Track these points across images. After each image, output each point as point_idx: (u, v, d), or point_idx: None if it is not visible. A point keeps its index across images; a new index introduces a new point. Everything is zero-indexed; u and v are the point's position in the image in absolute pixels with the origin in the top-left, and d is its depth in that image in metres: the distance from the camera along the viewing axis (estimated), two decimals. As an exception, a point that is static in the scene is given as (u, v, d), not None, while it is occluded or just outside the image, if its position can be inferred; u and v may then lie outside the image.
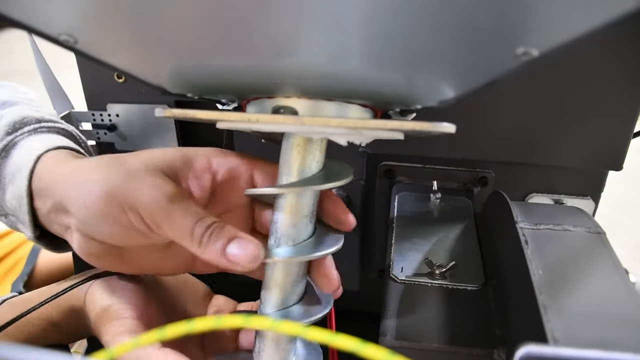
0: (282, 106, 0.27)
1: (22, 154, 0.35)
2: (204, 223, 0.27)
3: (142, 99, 0.48)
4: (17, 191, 0.34)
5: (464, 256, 0.36)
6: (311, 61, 0.22)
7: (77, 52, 0.22)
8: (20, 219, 0.35)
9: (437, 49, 0.21)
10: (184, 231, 0.27)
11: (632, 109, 0.40)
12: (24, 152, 0.35)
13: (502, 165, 0.45)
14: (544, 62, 0.22)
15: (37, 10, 0.19)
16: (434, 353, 0.29)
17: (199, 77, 0.27)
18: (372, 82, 0.25)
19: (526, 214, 0.33)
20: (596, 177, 0.45)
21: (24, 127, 0.37)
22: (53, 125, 0.39)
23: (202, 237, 0.27)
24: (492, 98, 0.42)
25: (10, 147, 0.36)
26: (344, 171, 0.31)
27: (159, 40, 0.22)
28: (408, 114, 0.32)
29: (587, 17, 0.17)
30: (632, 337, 0.23)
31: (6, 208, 0.36)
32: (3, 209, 0.36)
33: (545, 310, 0.24)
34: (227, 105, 0.35)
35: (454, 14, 0.17)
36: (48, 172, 0.33)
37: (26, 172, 0.33)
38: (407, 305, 0.32)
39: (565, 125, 0.42)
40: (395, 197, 0.44)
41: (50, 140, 0.36)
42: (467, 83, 0.24)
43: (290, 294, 0.31)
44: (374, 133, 0.26)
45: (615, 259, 0.29)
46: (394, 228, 0.40)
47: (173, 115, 0.27)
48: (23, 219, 0.34)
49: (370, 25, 0.19)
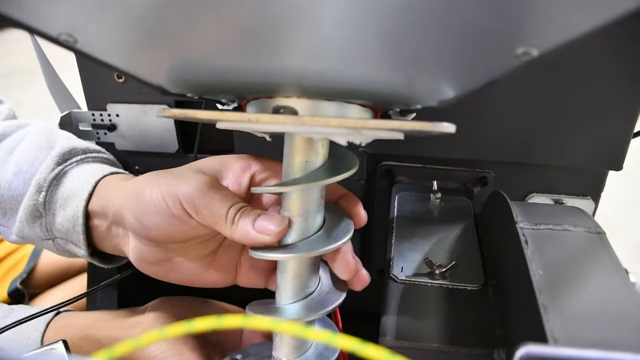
0: (282, 106, 0.27)
1: (76, 181, 0.39)
2: (237, 206, 0.31)
3: (142, 99, 0.48)
4: (71, 214, 0.38)
5: (464, 256, 0.36)
6: (311, 61, 0.22)
7: (77, 52, 0.22)
8: (72, 239, 0.39)
9: (437, 49, 0.21)
10: (218, 214, 0.30)
11: (632, 109, 0.40)
12: (77, 179, 0.40)
13: (502, 165, 0.45)
14: (544, 62, 0.22)
15: (37, 10, 0.19)
16: (434, 353, 0.29)
17: (199, 77, 0.27)
18: (372, 82, 0.25)
19: (526, 214, 0.33)
20: (596, 177, 0.45)
21: (73, 157, 0.42)
22: (97, 155, 0.44)
23: (234, 217, 0.30)
24: (492, 98, 0.42)
25: (62, 175, 0.40)
26: (349, 161, 0.31)
27: (159, 40, 0.22)
28: (408, 114, 0.32)
29: (587, 17, 0.17)
30: (632, 337, 0.23)
31: (55, 231, 0.40)
32: (51, 232, 0.40)
33: (545, 310, 0.24)
34: (227, 105, 0.35)
35: (454, 14, 0.17)
36: (107, 192, 0.38)
37: (84, 196, 0.38)
38: (407, 305, 0.32)
39: (565, 125, 0.42)
40: (395, 197, 0.44)
41: (101, 169, 0.41)
42: (467, 83, 0.24)
43: (304, 286, 0.32)
44: (374, 133, 0.26)
45: (615, 259, 0.29)
46: (394, 228, 0.40)
47: (173, 115, 0.27)
48: (77, 239, 0.39)
49: (370, 26, 0.19)
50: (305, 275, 0.32)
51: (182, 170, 0.34)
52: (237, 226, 0.30)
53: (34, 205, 0.39)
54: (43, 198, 0.39)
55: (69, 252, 0.41)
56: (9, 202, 0.41)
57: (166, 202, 0.32)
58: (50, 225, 0.40)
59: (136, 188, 0.34)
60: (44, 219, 0.40)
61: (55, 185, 0.40)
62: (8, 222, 0.42)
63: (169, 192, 0.32)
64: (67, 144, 0.42)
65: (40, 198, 0.39)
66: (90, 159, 0.43)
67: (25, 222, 0.40)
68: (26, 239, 0.42)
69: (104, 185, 0.39)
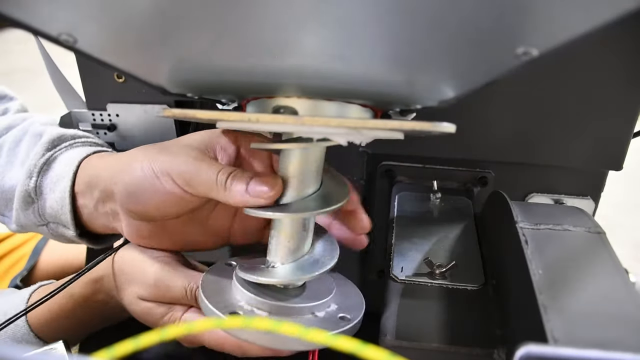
0: (282, 106, 0.27)
1: (63, 165, 0.40)
2: (226, 171, 0.31)
3: (142, 99, 0.48)
4: (59, 195, 0.38)
5: (464, 256, 0.36)
6: (311, 61, 0.22)
7: (77, 52, 0.22)
8: (62, 220, 0.39)
9: (437, 48, 0.21)
10: (209, 182, 0.31)
11: (632, 109, 0.40)
12: (64, 163, 0.40)
13: (502, 165, 0.45)
14: (544, 62, 0.22)
15: (37, 10, 0.19)
16: (434, 353, 0.29)
17: (199, 77, 0.27)
18: (372, 82, 0.25)
19: (526, 214, 0.33)
20: (596, 177, 0.45)
21: (62, 143, 0.42)
22: (86, 140, 0.44)
23: (226, 182, 0.30)
24: (492, 98, 0.42)
25: (51, 161, 0.41)
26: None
27: (159, 40, 0.22)
28: (408, 114, 0.32)
29: (587, 17, 0.17)
30: (632, 337, 0.23)
31: (47, 216, 0.40)
32: (44, 218, 0.40)
33: (545, 310, 0.24)
34: (227, 105, 0.35)
35: (454, 14, 0.17)
36: (92, 169, 0.38)
37: (70, 176, 0.38)
38: (407, 305, 0.32)
39: (565, 125, 0.42)
40: (395, 197, 0.44)
41: (87, 151, 0.41)
42: (467, 83, 0.24)
43: (297, 248, 0.32)
44: (374, 133, 0.26)
45: (615, 259, 0.29)
46: (394, 228, 0.40)
47: (173, 115, 0.27)
48: (65, 220, 0.39)
49: (370, 25, 0.19)
50: (298, 237, 0.32)
51: (169, 144, 0.34)
52: (230, 191, 0.30)
53: (26, 191, 0.40)
54: (34, 183, 0.40)
55: (64, 237, 0.41)
56: (8, 192, 0.42)
57: (158, 177, 0.32)
58: (42, 210, 0.40)
59: (125, 163, 0.34)
60: (36, 204, 0.40)
61: (45, 170, 0.40)
62: (10, 213, 0.42)
63: (159, 168, 0.32)
64: (56, 131, 0.43)
65: (31, 183, 0.40)
66: (79, 143, 0.43)
67: (20, 210, 0.41)
68: (24, 227, 0.42)
69: (88, 164, 0.39)
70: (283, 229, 0.32)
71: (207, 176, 0.31)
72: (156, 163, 0.32)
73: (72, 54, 0.25)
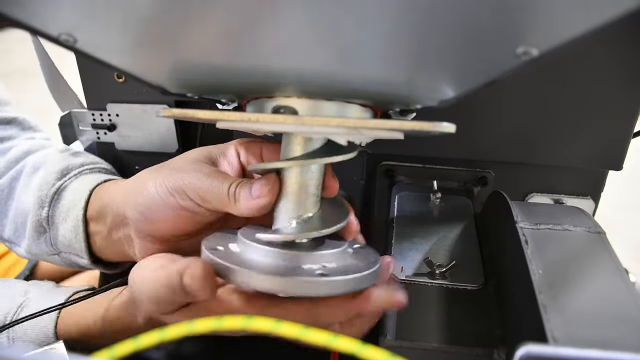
0: (282, 106, 0.27)
1: (74, 194, 0.40)
2: (235, 183, 0.32)
3: (142, 99, 0.48)
4: (72, 223, 0.39)
5: (464, 256, 0.36)
6: (311, 61, 0.22)
7: (77, 52, 0.22)
8: (75, 249, 0.39)
9: (437, 48, 0.21)
10: (223, 195, 0.31)
11: (632, 109, 0.40)
12: (74, 192, 0.40)
13: (502, 165, 0.45)
14: (544, 62, 0.22)
15: (37, 10, 0.19)
16: (434, 353, 0.29)
17: (199, 77, 0.27)
18: (372, 82, 0.25)
19: (526, 213, 0.33)
20: (596, 177, 0.45)
21: (71, 171, 0.42)
22: (94, 166, 0.45)
23: (235, 193, 0.31)
24: (492, 98, 0.42)
25: (62, 190, 0.41)
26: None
27: (159, 40, 0.22)
28: (408, 114, 0.32)
29: (587, 17, 0.17)
30: (632, 337, 0.23)
31: (60, 245, 0.40)
32: (56, 247, 0.41)
33: (545, 310, 0.24)
34: (227, 105, 0.35)
35: (454, 14, 0.17)
36: (104, 195, 0.38)
37: (82, 204, 0.39)
38: (407, 305, 0.32)
39: (565, 125, 0.42)
40: (395, 197, 0.44)
41: (97, 178, 0.42)
42: (467, 83, 0.24)
43: (305, 204, 0.31)
44: (374, 133, 0.26)
45: (615, 259, 0.29)
46: (394, 228, 0.40)
47: (173, 115, 0.27)
48: (78, 248, 0.39)
49: (370, 26, 0.19)
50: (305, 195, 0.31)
51: (179, 162, 0.35)
52: (238, 201, 0.31)
53: (38, 221, 0.40)
54: (46, 213, 0.40)
55: (76, 264, 0.42)
56: (20, 216, 0.42)
57: (173, 195, 0.32)
58: (54, 239, 0.40)
59: (137, 185, 0.34)
60: (48, 234, 0.40)
61: (57, 199, 0.41)
62: (18, 239, 0.43)
63: (173, 186, 0.32)
64: (64, 160, 0.43)
65: (44, 213, 0.40)
66: (87, 170, 0.44)
67: (32, 239, 0.41)
68: (35, 255, 0.42)
69: (100, 191, 0.40)
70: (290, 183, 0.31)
71: (220, 191, 0.31)
72: (169, 181, 0.32)
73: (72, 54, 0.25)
